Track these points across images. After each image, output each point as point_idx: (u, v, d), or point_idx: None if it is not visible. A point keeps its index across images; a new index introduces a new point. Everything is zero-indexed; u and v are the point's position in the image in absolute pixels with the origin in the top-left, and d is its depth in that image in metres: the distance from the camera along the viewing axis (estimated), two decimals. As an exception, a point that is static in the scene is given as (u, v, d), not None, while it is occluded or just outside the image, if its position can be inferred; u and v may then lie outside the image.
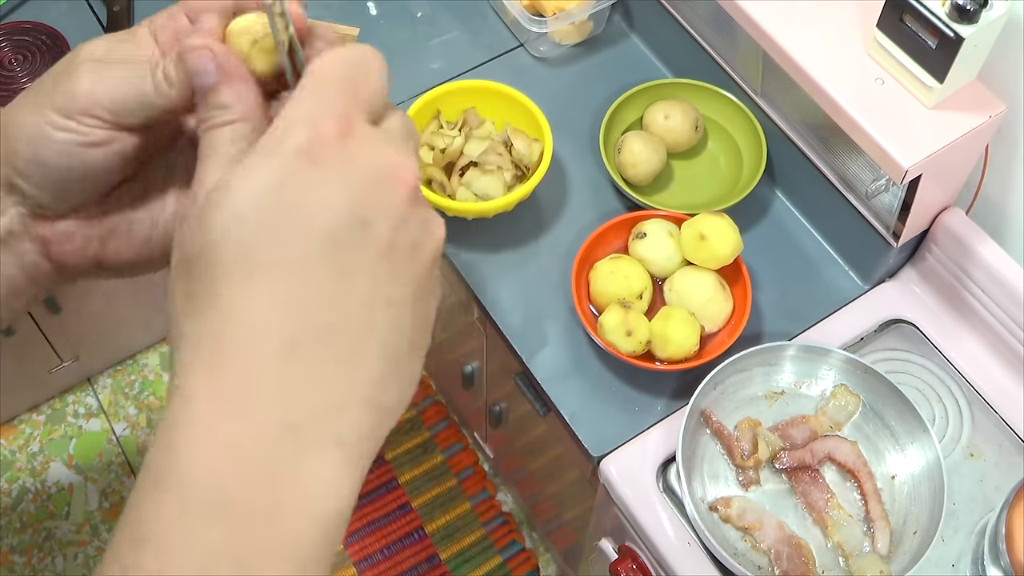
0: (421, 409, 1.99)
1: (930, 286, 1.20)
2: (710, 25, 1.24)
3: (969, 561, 1.05)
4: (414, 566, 1.84)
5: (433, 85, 1.32)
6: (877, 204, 1.13)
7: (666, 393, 1.14)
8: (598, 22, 1.39)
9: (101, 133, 0.48)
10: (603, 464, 1.11)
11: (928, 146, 0.96)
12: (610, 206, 1.27)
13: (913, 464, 1.07)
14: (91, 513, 1.89)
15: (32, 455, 1.95)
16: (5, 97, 1.37)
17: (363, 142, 0.42)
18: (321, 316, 0.40)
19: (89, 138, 0.48)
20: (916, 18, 0.92)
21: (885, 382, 1.08)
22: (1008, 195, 1.10)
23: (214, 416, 0.39)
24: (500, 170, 1.21)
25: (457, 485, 1.92)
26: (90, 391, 2.01)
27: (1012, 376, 1.14)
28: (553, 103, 1.32)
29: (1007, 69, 0.99)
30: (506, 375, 1.33)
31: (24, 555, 1.85)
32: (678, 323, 1.10)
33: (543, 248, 1.25)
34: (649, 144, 1.23)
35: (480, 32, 1.43)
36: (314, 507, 0.40)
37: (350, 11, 1.44)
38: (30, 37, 1.42)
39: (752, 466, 1.06)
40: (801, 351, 1.11)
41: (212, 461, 0.39)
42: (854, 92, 0.99)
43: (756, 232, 1.25)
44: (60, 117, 0.47)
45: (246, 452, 0.39)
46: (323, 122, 0.41)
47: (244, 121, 0.44)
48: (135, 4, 1.43)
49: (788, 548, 1.03)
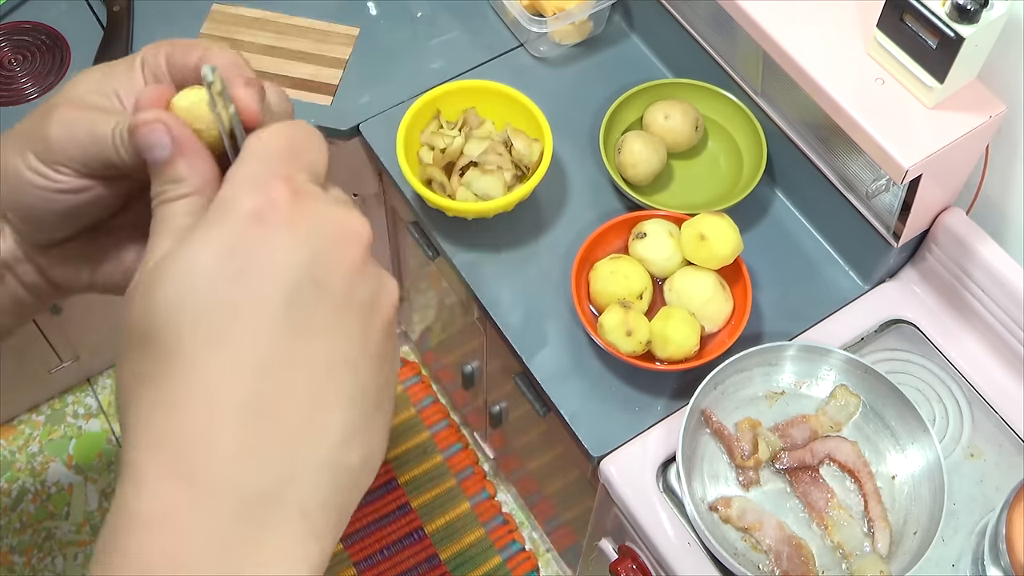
0: (421, 409, 1.99)
1: (930, 286, 1.20)
2: (710, 25, 1.24)
3: (969, 561, 1.05)
4: (414, 566, 1.84)
5: (433, 85, 1.33)
6: (877, 204, 1.13)
7: (666, 393, 1.14)
8: (598, 22, 1.39)
9: (75, 182, 0.47)
10: (603, 464, 1.11)
11: (928, 146, 0.96)
12: (610, 206, 1.27)
13: (913, 464, 1.07)
14: (91, 513, 1.89)
15: (32, 455, 1.95)
16: (5, 97, 1.37)
17: (313, 202, 0.41)
18: (278, 379, 0.39)
19: (63, 187, 0.47)
20: (916, 18, 0.92)
21: (885, 382, 1.08)
22: (1008, 195, 1.10)
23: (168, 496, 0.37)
24: (500, 170, 1.21)
25: (457, 485, 1.92)
26: (90, 391, 2.01)
27: (1012, 376, 1.14)
28: (553, 103, 1.32)
29: (1007, 69, 0.99)
30: (506, 375, 1.33)
31: (24, 555, 1.85)
32: (678, 323, 1.10)
33: (543, 248, 1.25)
34: (649, 144, 1.23)
35: (480, 32, 1.43)
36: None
37: (350, 11, 1.44)
38: (30, 37, 1.42)
39: (752, 466, 1.06)
40: (801, 351, 1.11)
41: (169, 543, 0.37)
42: (854, 92, 0.99)
43: (756, 232, 1.25)
44: (37, 162, 0.47)
45: (203, 532, 0.37)
46: (271, 184, 0.40)
47: (199, 194, 0.43)
48: (135, 4, 1.43)
49: (788, 548, 1.03)
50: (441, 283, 1.45)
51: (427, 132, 1.26)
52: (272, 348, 0.39)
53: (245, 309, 0.39)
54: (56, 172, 0.47)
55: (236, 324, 0.38)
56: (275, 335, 0.39)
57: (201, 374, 0.38)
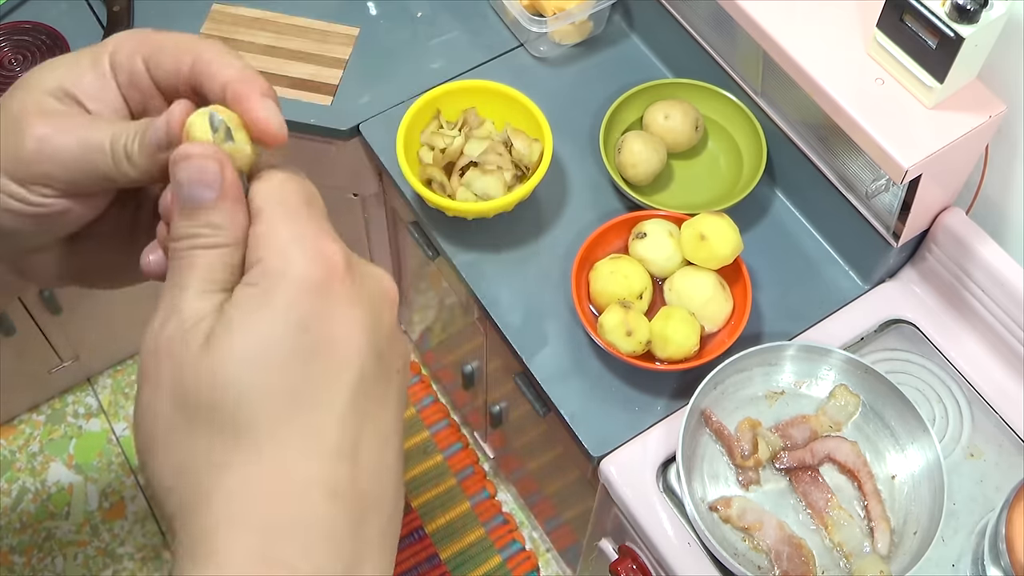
0: (421, 408, 1.99)
1: (930, 286, 1.20)
2: (710, 25, 1.24)
3: (969, 561, 1.05)
4: (414, 566, 1.84)
5: (433, 85, 1.33)
6: (877, 204, 1.13)
7: (666, 393, 1.14)
8: (598, 22, 1.39)
9: (55, 202, 0.44)
10: (603, 464, 1.11)
11: (928, 146, 0.96)
12: (610, 206, 1.27)
13: (913, 464, 1.07)
14: (91, 513, 1.89)
15: (32, 455, 1.95)
16: (5, 97, 1.37)
17: (359, 264, 0.40)
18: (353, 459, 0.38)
19: (41, 209, 0.44)
20: (916, 18, 0.92)
21: (885, 382, 1.08)
22: (1008, 195, 1.10)
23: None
24: (500, 170, 1.21)
25: (457, 485, 1.92)
26: (90, 391, 2.01)
27: (1012, 376, 1.14)
28: (553, 103, 1.32)
29: (1007, 69, 0.99)
30: (506, 375, 1.33)
31: (24, 555, 1.85)
32: (678, 323, 1.10)
33: (543, 248, 1.25)
34: (649, 144, 1.23)
35: (480, 32, 1.43)
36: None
37: (350, 11, 1.44)
38: (30, 37, 1.42)
39: (752, 466, 1.06)
40: (801, 351, 1.11)
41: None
42: (854, 92, 0.99)
43: (756, 232, 1.25)
44: (10, 183, 0.43)
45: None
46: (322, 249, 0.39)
47: (236, 248, 0.40)
48: (135, 4, 1.43)
49: (788, 548, 1.03)
50: (441, 283, 1.45)
51: (427, 132, 1.26)
52: (348, 429, 0.38)
53: (323, 391, 0.38)
54: (33, 194, 0.43)
55: (314, 406, 0.37)
56: (350, 414, 0.38)
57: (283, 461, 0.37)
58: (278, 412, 0.37)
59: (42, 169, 0.43)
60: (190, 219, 0.40)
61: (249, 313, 0.38)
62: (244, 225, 0.40)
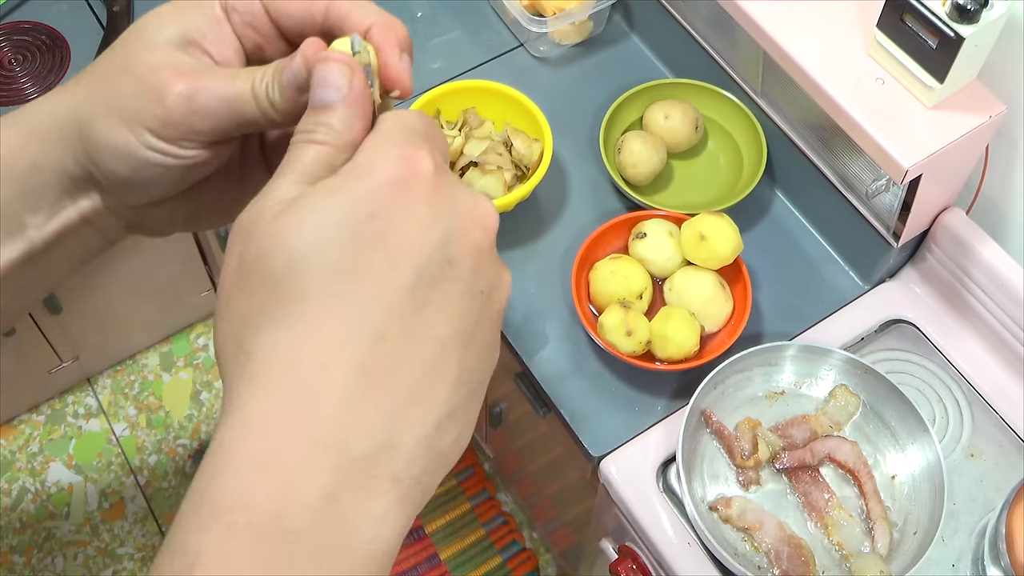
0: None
1: (930, 286, 1.20)
2: (710, 25, 1.24)
3: (969, 561, 1.05)
4: (414, 566, 1.84)
5: (433, 85, 1.32)
6: (877, 204, 1.13)
7: (666, 393, 1.14)
8: (598, 22, 1.39)
9: (199, 153, 0.46)
10: (603, 464, 1.11)
11: (928, 146, 0.96)
12: (610, 206, 1.27)
13: (913, 464, 1.07)
14: (91, 513, 1.89)
15: (32, 455, 1.95)
16: (5, 97, 1.37)
17: (452, 181, 0.41)
18: (395, 349, 0.38)
19: (187, 161, 0.46)
20: (916, 18, 0.92)
21: (885, 382, 1.08)
22: (1008, 195, 1.10)
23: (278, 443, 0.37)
24: (500, 170, 1.21)
25: (457, 485, 1.92)
26: (90, 391, 2.01)
27: (1012, 376, 1.14)
28: (553, 103, 1.32)
29: (1007, 69, 0.99)
30: (506, 375, 1.33)
31: (24, 555, 1.85)
32: (678, 323, 1.10)
33: (543, 248, 1.25)
34: (649, 144, 1.23)
35: (480, 32, 1.43)
36: (361, 549, 0.38)
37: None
38: (30, 37, 1.42)
39: (752, 466, 1.06)
40: (801, 351, 1.11)
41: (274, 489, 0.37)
42: (854, 92, 0.99)
43: (756, 232, 1.25)
44: (156, 140, 0.45)
45: (308, 484, 0.37)
46: (416, 156, 0.40)
47: (342, 150, 0.42)
48: (135, 4, 1.43)
49: (788, 548, 1.03)
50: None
51: (427, 132, 1.26)
52: (396, 317, 0.38)
53: (378, 274, 0.38)
54: (181, 148, 0.46)
55: (367, 287, 0.38)
56: (401, 305, 0.39)
57: (324, 329, 0.38)
58: (329, 284, 0.38)
59: (189, 124, 0.45)
60: (312, 115, 0.42)
61: (324, 195, 0.39)
62: (359, 134, 0.42)
